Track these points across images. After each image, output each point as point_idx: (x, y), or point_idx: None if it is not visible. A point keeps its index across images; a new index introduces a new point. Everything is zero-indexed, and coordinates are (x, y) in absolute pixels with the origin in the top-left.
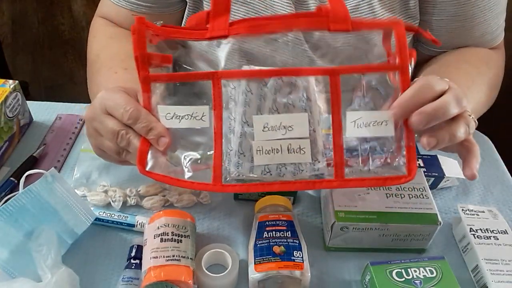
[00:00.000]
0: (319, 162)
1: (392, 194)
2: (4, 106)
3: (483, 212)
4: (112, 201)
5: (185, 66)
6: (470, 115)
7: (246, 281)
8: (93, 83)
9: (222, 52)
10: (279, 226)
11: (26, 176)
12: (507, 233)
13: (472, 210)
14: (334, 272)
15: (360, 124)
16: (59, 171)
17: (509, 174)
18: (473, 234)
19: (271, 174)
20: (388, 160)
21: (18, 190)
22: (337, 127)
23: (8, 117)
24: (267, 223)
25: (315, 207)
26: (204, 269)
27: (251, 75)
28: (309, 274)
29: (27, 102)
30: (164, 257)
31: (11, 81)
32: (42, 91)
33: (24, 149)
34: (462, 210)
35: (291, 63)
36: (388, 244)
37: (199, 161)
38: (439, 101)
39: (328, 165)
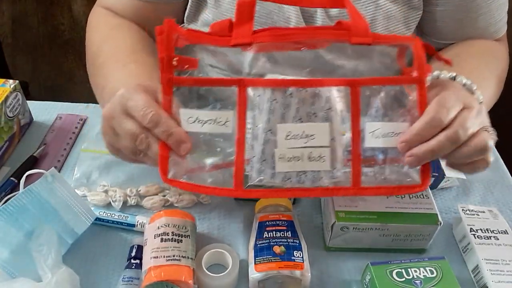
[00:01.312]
0: (337, 170)
1: None
2: (5, 106)
3: (483, 212)
4: (113, 201)
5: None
6: (487, 130)
7: (246, 281)
8: (98, 76)
9: (246, 56)
10: (279, 226)
11: (27, 176)
12: (507, 233)
13: (472, 210)
14: (334, 272)
15: (378, 135)
16: (59, 171)
17: (509, 174)
18: (474, 234)
19: (291, 181)
20: (403, 169)
21: (19, 190)
22: (356, 137)
23: (9, 117)
24: (267, 223)
25: (315, 207)
26: (205, 269)
27: (277, 85)
28: (310, 274)
29: (27, 102)
30: (164, 257)
31: (11, 81)
32: (42, 91)
33: (24, 149)
34: (463, 210)
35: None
36: (388, 244)
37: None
38: (433, 142)
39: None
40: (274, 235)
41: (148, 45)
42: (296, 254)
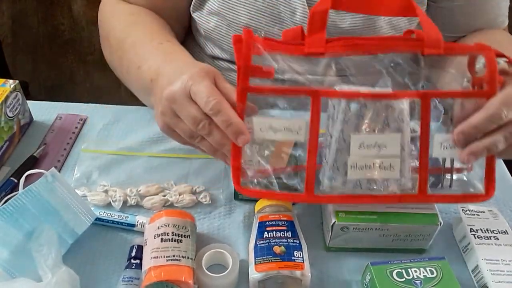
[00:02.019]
0: (405, 178)
1: None
2: (5, 106)
3: (484, 212)
4: (113, 201)
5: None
6: None
7: (247, 281)
8: (129, 57)
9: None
10: (279, 226)
11: (27, 176)
12: (508, 233)
13: (472, 210)
14: (335, 272)
15: (446, 146)
16: (59, 171)
17: (509, 174)
18: (474, 234)
19: (361, 188)
20: (465, 178)
21: (18, 190)
22: (425, 147)
23: (9, 117)
24: (267, 223)
25: (315, 207)
26: (205, 269)
27: (351, 96)
28: (310, 274)
29: (27, 102)
30: (164, 257)
31: (11, 81)
32: (42, 91)
33: (24, 149)
34: (463, 210)
35: None
36: (388, 244)
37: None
38: (489, 140)
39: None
40: (274, 235)
41: (169, 29)
42: (296, 254)
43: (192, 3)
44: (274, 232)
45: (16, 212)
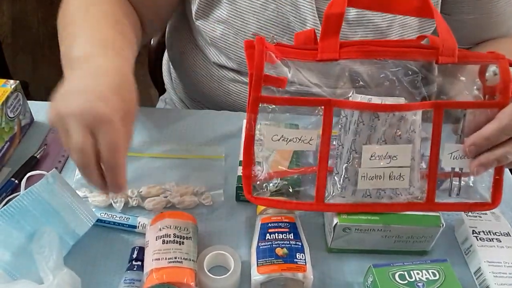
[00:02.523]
0: (414, 187)
1: None
2: (5, 106)
3: (486, 214)
4: (114, 202)
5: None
6: None
7: (249, 282)
8: (68, 29)
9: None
10: (281, 228)
11: (28, 177)
12: (510, 235)
13: (474, 212)
14: (336, 273)
15: (456, 156)
16: (60, 172)
17: (511, 176)
18: (476, 236)
19: (370, 197)
20: (471, 184)
21: (19, 191)
22: (435, 156)
23: (9, 117)
24: (269, 224)
25: None
26: (206, 271)
27: (364, 108)
28: (312, 277)
29: (28, 102)
30: (166, 259)
31: (12, 81)
32: (42, 91)
33: (25, 149)
34: (465, 212)
35: None
36: (390, 246)
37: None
38: (500, 152)
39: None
40: (277, 237)
41: (132, 19)
42: (298, 256)
43: (195, 9)
44: (276, 234)
45: (17, 214)
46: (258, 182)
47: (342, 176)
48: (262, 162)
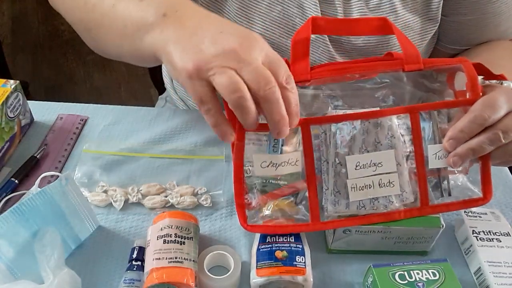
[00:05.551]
0: (406, 192)
1: None
2: (5, 106)
3: (486, 214)
4: (114, 201)
5: None
6: None
7: (248, 283)
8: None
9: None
10: None
11: (25, 177)
12: (510, 235)
13: (474, 212)
14: (337, 274)
15: (440, 156)
16: (60, 172)
17: (511, 176)
18: (476, 236)
19: (365, 208)
20: (461, 184)
21: (19, 191)
22: (420, 159)
23: (9, 117)
24: None
25: None
26: (206, 271)
27: (339, 120)
28: (312, 280)
29: (28, 102)
30: (166, 258)
31: (12, 81)
32: (42, 91)
33: (25, 149)
34: (465, 212)
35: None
36: (390, 247)
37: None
38: (474, 141)
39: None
40: (277, 240)
41: None
42: (298, 259)
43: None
44: (277, 237)
45: (28, 212)
46: (252, 211)
47: (332, 191)
48: (254, 189)
